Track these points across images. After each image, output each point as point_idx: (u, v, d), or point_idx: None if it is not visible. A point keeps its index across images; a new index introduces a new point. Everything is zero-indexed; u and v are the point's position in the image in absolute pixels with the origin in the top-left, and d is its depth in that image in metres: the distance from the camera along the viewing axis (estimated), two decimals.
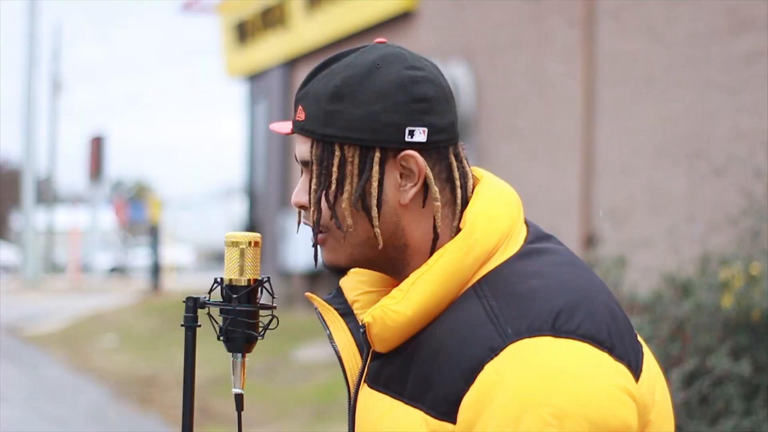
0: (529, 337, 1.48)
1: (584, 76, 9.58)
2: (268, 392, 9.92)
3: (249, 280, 1.66)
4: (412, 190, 1.58)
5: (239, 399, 1.69)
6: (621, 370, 1.49)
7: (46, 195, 40.02)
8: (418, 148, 1.58)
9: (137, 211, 40.13)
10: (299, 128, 1.62)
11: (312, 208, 1.62)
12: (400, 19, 12.93)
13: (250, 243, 1.67)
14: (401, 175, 1.59)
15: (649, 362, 1.57)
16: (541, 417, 1.43)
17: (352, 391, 1.65)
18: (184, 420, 1.68)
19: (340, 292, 1.72)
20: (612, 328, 1.51)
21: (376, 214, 1.58)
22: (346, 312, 1.69)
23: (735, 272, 5.37)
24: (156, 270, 24.77)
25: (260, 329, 1.67)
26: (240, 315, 1.65)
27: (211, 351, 4.01)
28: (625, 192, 9.00)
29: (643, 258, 7.16)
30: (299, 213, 1.68)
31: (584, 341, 1.48)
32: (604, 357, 1.48)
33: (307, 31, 15.44)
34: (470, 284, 1.56)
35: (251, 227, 17.72)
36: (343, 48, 1.68)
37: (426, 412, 1.52)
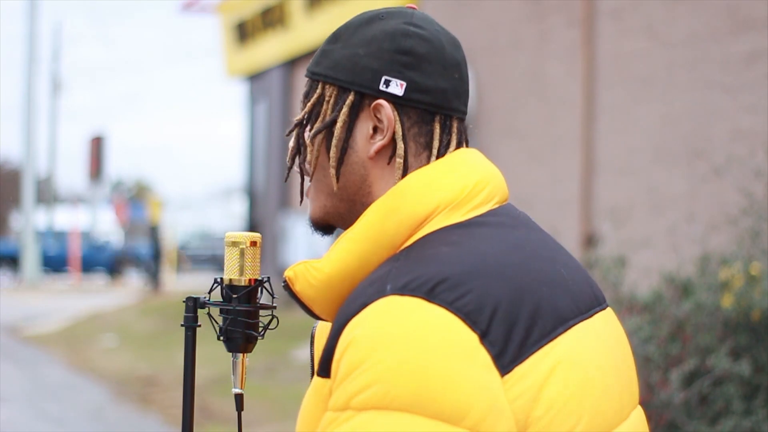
0: (399, 294, 1.40)
1: (584, 76, 9.59)
2: (268, 392, 9.92)
3: (249, 280, 1.66)
4: (379, 143, 1.54)
5: (239, 399, 1.69)
6: (481, 357, 1.37)
7: (46, 195, 40.03)
8: (393, 100, 1.54)
9: (137, 211, 40.15)
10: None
11: (291, 144, 1.61)
12: None
13: (249, 243, 1.67)
14: (375, 129, 1.55)
15: (570, 356, 1.44)
16: (370, 372, 1.35)
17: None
18: (184, 420, 1.68)
19: None
20: (500, 313, 1.40)
21: (335, 155, 1.55)
22: None
23: (735, 272, 5.37)
24: (156, 270, 24.78)
25: (260, 329, 1.67)
26: (240, 315, 1.65)
27: (211, 351, 4.02)
28: (625, 192, 9.00)
29: (643, 258, 7.16)
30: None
31: (456, 314, 1.38)
32: (469, 338, 1.37)
33: (307, 31, 15.44)
34: (399, 249, 1.50)
35: (251, 227, 17.73)
36: None
37: (316, 373, 1.48)
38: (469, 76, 1.61)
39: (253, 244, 1.67)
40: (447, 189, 1.51)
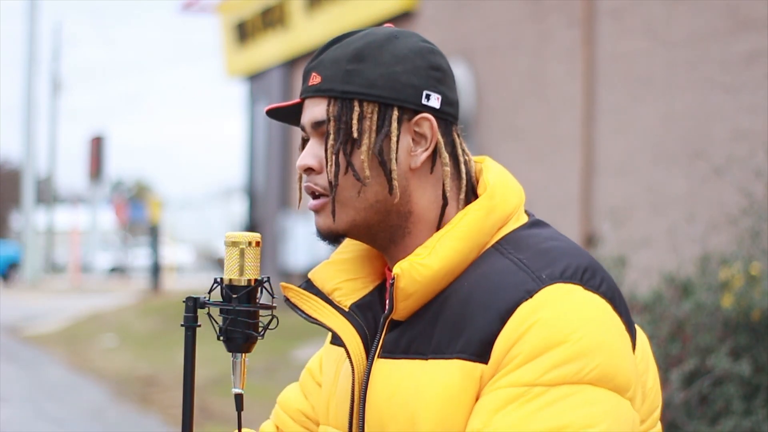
0: (563, 282, 1.55)
1: (584, 76, 9.58)
2: (268, 392, 9.91)
3: (249, 280, 1.66)
4: (423, 155, 1.63)
5: (239, 399, 1.69)
6: (626, 335, 1.58)
7: (46, 195, 40.02)
8: (432, 113, 1.64)
9: (137, 211, 40.15)
10: (314, 90, 1.65)
11: (329, 163, 1.63)
12: (400, 19, 12.94)
13: (250, 243, 1.67)
14: (413, 140, 1.63)
15: (642, 338, 1.67)
16: (565, 352, 1.50)
17: (363, 367, 1.65)
18: (184, 420, 1.68)
19: (311, 283, 1.73)
20: (620, 299, 1.60)
21: (395, 167, 1.62)
22: (325, 300, 1.70)
23: (735, 272, 5.37)
24: (156, 270, 24.77)
25: (260, 329, 1.67)
26: (240, 315, 1.65)
27: (211, 351, 4.02)
28: (625, 192, 9.00)
29: (643, 258, 7.16)
30: (300, 182, 1.69)
31: (605, 299, 1.57)
32: (618, 319, 1.57)
33: (307, 31, 15.44)
34: (489, 246, 1.62)
35: (251, 227, 17.73)
36: None
37: (459, 358, 1.55)
38: None
39: (254, 244, 1.67)
40: (518, 191, 1.69)
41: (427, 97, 1.63)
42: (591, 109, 9.54)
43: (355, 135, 1.61)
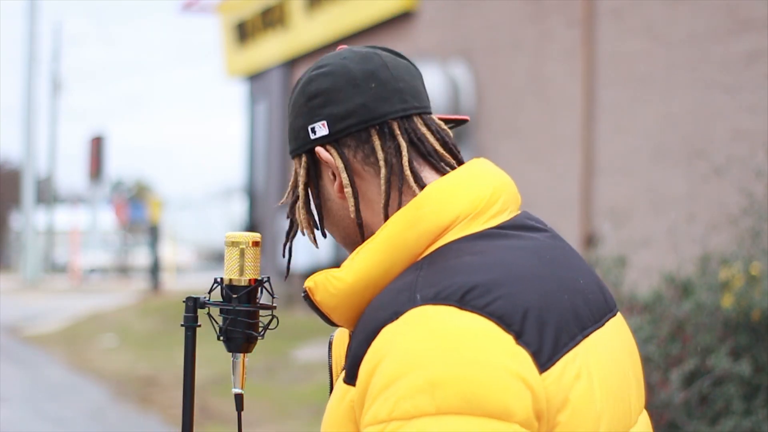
0: (433, 304, 1.45)
1: (584, 76, 9.58)
2: (268, 392, 9.92)
3: (249, 280, 1.66)
4: (337, 184, 1.62)
5: (239, 399, 1.70)
6: (520, 355, 1.42)
7: (46, 195, 40.00)
8: (327, 141, 1.62)
9: (137, 211, 40.12)
10: None
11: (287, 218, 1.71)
12: (400, 19, 12.94)
13: (250, 243, 1.67)
14: (332, 172, 1.63)
15: (589, 363, 1.49)
16: (415, 381, 1.40)
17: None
18: (184, 420, 1.69)
19: None
20: (531, 315, 1.45)
21: (315, 212, 1.66)
22: None
23: (735, 272, 5.37)
24: (156, 270, 24.76)
25: (260, 329, 1.67)
26: (240, 315, 1.65)
27: (211, 351, 4.02)
28: (625, 192, 9.00)
29: (643, 258, 7.16)
30: None
31: (489, 318, 1.43)
32: (505, 339, 1.43)
33: (307, 31, 15.44)
34: (421, 257, 1.55)
35: (251, 227, 17.73)
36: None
37: (341, 379, 1.52)
38: (399, 74, 1.64)
39: (254, 244, 1.68)
40: (465, 200, 1.56)
41: (313, 130, 1.62)
42: (591, 109, 9.54)
43: (288, 195, 1.69)
